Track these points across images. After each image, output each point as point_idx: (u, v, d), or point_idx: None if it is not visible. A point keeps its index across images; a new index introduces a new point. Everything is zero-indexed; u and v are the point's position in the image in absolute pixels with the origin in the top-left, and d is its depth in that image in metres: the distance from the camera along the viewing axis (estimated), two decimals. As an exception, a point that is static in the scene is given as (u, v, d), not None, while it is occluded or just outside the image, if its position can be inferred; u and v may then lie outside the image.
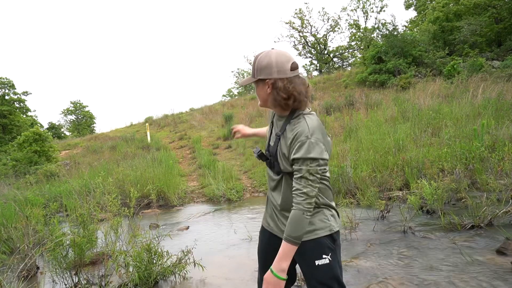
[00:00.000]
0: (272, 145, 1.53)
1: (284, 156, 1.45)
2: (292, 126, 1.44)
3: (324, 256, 1.46)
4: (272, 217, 1.64)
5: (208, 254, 3.58)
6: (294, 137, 1.40)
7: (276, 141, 1.50)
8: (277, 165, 1.50)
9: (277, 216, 1.60)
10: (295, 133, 1.40)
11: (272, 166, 1.54)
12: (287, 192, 1.49)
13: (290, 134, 1.43)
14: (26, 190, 8.55)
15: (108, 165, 10.08)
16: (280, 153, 1.47)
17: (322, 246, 1.47)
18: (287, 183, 1.49)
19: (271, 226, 1.65)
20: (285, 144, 1.45)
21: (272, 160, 1.52)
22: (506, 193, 3.94)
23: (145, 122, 20.77)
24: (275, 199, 1.58)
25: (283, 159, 1.46)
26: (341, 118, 10.50)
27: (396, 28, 16.87)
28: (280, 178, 1.52)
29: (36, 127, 15.63)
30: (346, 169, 5.67)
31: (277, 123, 1.56)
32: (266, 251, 1.69)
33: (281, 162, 1.47)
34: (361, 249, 3.38)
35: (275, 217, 1.61)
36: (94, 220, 3.30)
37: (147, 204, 6.70)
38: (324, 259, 1.45)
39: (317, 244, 1.47)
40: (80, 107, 43.32)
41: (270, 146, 1.56)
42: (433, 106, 8.56)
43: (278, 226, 1.59)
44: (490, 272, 2.55)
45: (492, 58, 13.52)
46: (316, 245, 1.47)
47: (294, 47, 31.61)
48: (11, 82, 26.56)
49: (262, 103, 1.52)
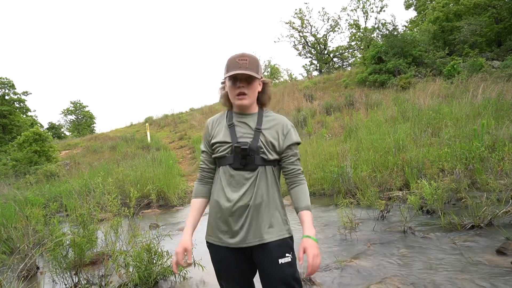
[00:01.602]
0: (252, 140, 1.52)
1: (272, 146, 1.54)
2: (270, 119, 1.59)
3: (287, 255, 1.49)
4: (241, 226, 1.49)
5: (208, 254, 3.57)
6: (282, 126, 1.57)
7: (256, 135, 1.53)
8: (258, 158, 1.50)
9: (250, 218, 1.49)
10: (282, 124, 1.58)
11: (249, 162, 1.50)
12: (267, 185, 1.53)
13: (272, 125, 1.57)
14: (26, 190, 8.55)
15: (108, 165, 10.08)
16: (268, 144, 1.53)
17: (287, 245, 1.53)
18: (265, 175, 1.53)
19: (237, 238, 1.49)
20: (271, 135, 1.55)
21: (254, 155, 1.50)
22: (506, 193, 3.94)
23: (145, 122, 20.78)
24: (250, 199, 1.49)
25: (271, 149, 1.54)
26: (341, 118, 10.50)
27: (396, 28, 16.87)
28: (256, 175, 1.51)
29: (36, 127, 15.63)
30: (346, 169, 5.67)
31: (240, 122, 1.57)
32: (239, 268, 1.55)
33: (268, 153, 1.52)
34: (361, 249, 3.38)
35: (247, 221, 1.48)
36: (94, 220, 3.30)
37: (147, 204, 6.70)
38: (287, 257, 1.49)
39: (283, 242, 1.51)
40: (80, 107, 43.27)
41: (248, 143, 1.51)
42: (433, 106, 8.56)
43: (251, 231, 1.48)
44: (490, 272, 2.55)
45: (492, 58, 13.51)
46: (283, 244, 1.51)
47: (294, 47, 31.57)
48: (11, 82, 26.53)
49: (252, 100, 1.57)
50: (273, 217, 1.53)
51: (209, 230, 1.60)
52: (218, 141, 1.56)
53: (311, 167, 6.52)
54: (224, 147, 1.54)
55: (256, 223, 1.49)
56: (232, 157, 1.52)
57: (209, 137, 1.62)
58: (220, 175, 1.56)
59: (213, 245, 1.58)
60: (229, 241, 1.51)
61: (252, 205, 1.49)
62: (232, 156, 1.52)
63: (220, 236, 1.54)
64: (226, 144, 1.54)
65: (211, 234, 1.58)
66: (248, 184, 1.50)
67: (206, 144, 1.64)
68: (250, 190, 1.50)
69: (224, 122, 1.60)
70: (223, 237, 1.53)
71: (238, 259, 1.53)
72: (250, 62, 1.49)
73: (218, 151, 1.56)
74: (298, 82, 20.94)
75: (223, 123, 1.60)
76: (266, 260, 1.49)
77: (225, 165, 1.54)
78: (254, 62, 1.51)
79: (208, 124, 1.65)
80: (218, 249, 1.56)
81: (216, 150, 1.57)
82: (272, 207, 1.54)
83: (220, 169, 1.57)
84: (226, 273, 1.57)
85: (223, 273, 1.58)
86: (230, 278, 1.57)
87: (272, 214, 1.53)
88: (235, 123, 1.57)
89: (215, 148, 1.58)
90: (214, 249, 1.58)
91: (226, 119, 1.61)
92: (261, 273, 1.53)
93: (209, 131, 1.63)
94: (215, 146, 1.57)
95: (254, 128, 1.55)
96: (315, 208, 5.27)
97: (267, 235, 1.49)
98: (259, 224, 1.49)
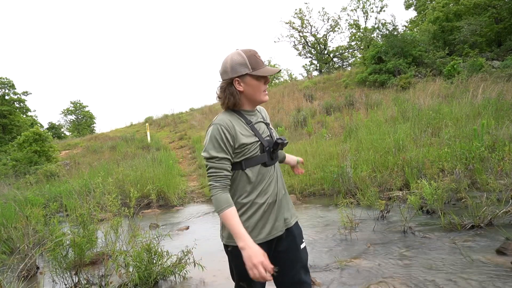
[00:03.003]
0: (272, 134, 1.65)
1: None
2: (262, 115, 1.71)
3: (303, 240, 1.68)
4: (283, 211, 1.62)
5: (208, 254, 3.58)
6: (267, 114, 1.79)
7: (269, 129, 1.65)
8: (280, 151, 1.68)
9: (285, 203, 1.64)
10: (266, 112, 1.79)
11: (275, 157, 1.62)
12: (281, 174, 1.69)
13: (266, 115, 1.74)
14: (26, 190, 8.56)
15: (108, 165, 10.08)
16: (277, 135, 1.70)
17: (301, 229, 1.71)
18: (276, 165, 1.66)
19: (285, 223, 1.61)
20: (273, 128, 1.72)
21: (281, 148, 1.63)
22: (506, 193, 3.94)
23: (145, 122, 20.77)
24: (281, 188, 1.64)
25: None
26: (341, 118, 10.50)
27: (396, 28, 16.86)
28: (275, 166, 1.64)
29: (36, 127, 15.63)
30: (346, 169, 5.67)
31: (255, 120, 1.63)
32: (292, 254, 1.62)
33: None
34: (361, 249, 3.38)
35: (284, 206, 1.63)
36: (94, 220, 3.30)
37: (147, 204, 6.70)
38: (303, 242, 1.67)
39: (299, 226, 1.70)
40: (80, 107, 43.28)
41: (272, 137, 1.63)
42: (433, 106, 8.55)
43: (291, 212, 1.66)
44: (490, 272, 2.55)
45: (492, 58, 13.50)
46: (299, 227, 1.69)
47: (294, 47, 31.59)
48: (11, 82, 26.54)
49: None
50: (290, 202, 1.73)
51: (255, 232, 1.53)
52: (247, 142, 1.51)
53: (311, 167, 6.52)
54: (254, 146, 1.53)
55: (286, 210, 1.64)
56: (265, 155, 1.56)
57: (232, 140, 1.49)
58: (248, 175, 1.52)
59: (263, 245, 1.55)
60: (280, 228, 1.59)
61: (282, 195, 1.63)
62: (265, 154, 1.56)
63: (269, 230, 1.56)
64: (255, 144, 1.53)
65: (255, 236, 1.51)
66: (276, 176, 1.61)
67: (227, 149, 1.49)
68: (280, 181, 1.64)
69: (240, 122, 1.54)
70: (275, 228, 1.58)
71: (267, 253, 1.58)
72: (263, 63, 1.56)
73: (246, 152, 1.51)
74: (298, 82, 20.95)
75: (240, 123, 1.53)
76: (290, 246, 1.61)
77: (254, 165, 1.53)
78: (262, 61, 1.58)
79: (227, 127, 1.48)
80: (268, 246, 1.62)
81: (243, 152, 1.51)
82: (287, 193, 1.72)
83: (246, 171, 1.52)
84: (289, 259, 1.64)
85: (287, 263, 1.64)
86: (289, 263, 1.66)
87: (289, 199, 1.72)
88: (252, 121, 1.59)
89: (242, 150, 1.50)
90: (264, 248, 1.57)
91: (241, 119, 1.55)
92: (283, 260, 1.58)
93: (231, 134, 1.48)
94: (243, 148, 1.50)
95: (264, 122, 1.66)
96: (315, 208, 5.27)
97: (291, 218, 1.66)
98: (289, 208, 1.67)
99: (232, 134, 1.48)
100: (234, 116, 1.54)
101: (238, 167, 1.52)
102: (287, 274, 1.57)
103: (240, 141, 1.49)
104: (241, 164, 1.51)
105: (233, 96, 1.51)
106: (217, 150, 1.48)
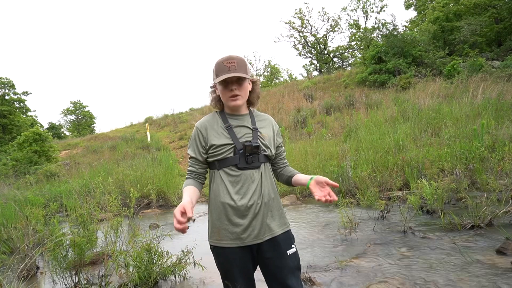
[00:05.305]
0: (253, 139, 1.59)
1: (273, 143, 1.68)
2: (261, 118, 1.70)
3: (293, 246, 1.63)
4: (254, 223, 1.54)
5: (208, 254, 3.55)
6: (273, 125, 1.72)
7: (255, 134, 1.61)
8: (261, 156, 1.59)
9: (262, 215, 1.56)
10: (272, 122, 1.73)
11: (254, 161, 1.57)
12: (270, 181, 1.64)
13: (266, 124, 1.68)
14: (26, 190, 8.55)
15: (108, 165, 10.08)
16: (272, 141, 1.66)
17: (291, 236, 1.66)
18: (266, 172, 1.62)
19: (252, 235, 1.54)
20: (267, 133, 1.66)
21: (258, 153, 1.58)
22: (506, 193, 3.93)
23: (145, 122, 20.80)
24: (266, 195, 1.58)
25: (272, 146, 1.66)
26: (341, 118, 10.51)
27: (396, 28, 16.88)
28: (260, 172, 1.59)
29: (36, 127, 15.63)
30: (346, 169, 5.67)
31: (237, 123, 1.61)
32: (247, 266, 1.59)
33: (270, 149, 1.64)
34: (361, 249, 3.38)
35: (259, 218, 1.55)
36: (94, 220, 3.30)
37: (147, 204, 6.70)
38: (293, 248, 1.62)
39: (288, 234, 1.64)
40: (80, 107, 43.29)
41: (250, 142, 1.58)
42: (433, 106, 8.56)
43: (263, 227, 1.55)
44: (490, 272, 2.55)
45: (492, 58, 13.51)
46: (288, 235, 1.64)
47: (294, 47, 31.62)
48: (11, 82, 26.56)
49: (245, 100, 1.63)
50: (278, 211, 1.64)
51: (216, 234, 1.58)
52: (218, 143, 1.56)
53: (311, 167, 6.52)
54: (226, 148, 1.56)
55: (266, 218, 1.58)
56: (237, 157, 1.55)
57: (204, 141, 1.60)
58: (221, 177, 1.57)
59: (221, 248, 1.57)
60: (244, 240, 1.54)
61: (262, 202, 1.57)
62: (237, 156, 1.55)
63: (232, 237, 1.54)
64: (228, 146, 1.56)
65: (220, 238, 1.56)
66: (256, 182, 1.56)
67: (198, 149, 1.61)
68: (258, 187, 1.57)
69: (218, 124, 1.61)
70: (236, 237, 1.54)
71: (245, 257, 1.57)
72: (238, 64, 1.52)
73: (218, 153, 1.56)
74: (298, 82, 20.96)
75: (217, 125, 1.61)
76: (275, 253, 1.57)
77: (227, 166, 1.56)
78: (242, 63, 1.54)
79: (200, 129, 1.62)
80: (228, 251, 1.56)
81: (215, 153, 1.57)
82: (276, 202, 1.64)
83: (219, 172, 1.57)
84: (235, 273, 1.58)
85: (231, 273, 1.58)
86: (238, 277, 1.59)
87: (277, 208, 1.64)
88: (232, 124, 1.60)
89: (214, 151, 1.57)
90: (222, 252, 1.57)
91: (220, 121, 1.62)
92: (267, 267, 1.58)
93: (203, 135, 1.60)
94: (214, 149, 1.57)
95: (251, 127, 1.62)
96: (315, 208, 5.27)
97: (277, 228, 1.59)
98: (269, 220, 1.58)
99: (204, 135, 1.60)
100: (215, 118, 1.65)
101: (213, 167, 1.60)
102: (276, 279, 1.57)
103: (211, 142, 1.58)
104: (215, 164, 1.59)
105: (214, 100, 1.67)
106: (193, 150, 1.64)
